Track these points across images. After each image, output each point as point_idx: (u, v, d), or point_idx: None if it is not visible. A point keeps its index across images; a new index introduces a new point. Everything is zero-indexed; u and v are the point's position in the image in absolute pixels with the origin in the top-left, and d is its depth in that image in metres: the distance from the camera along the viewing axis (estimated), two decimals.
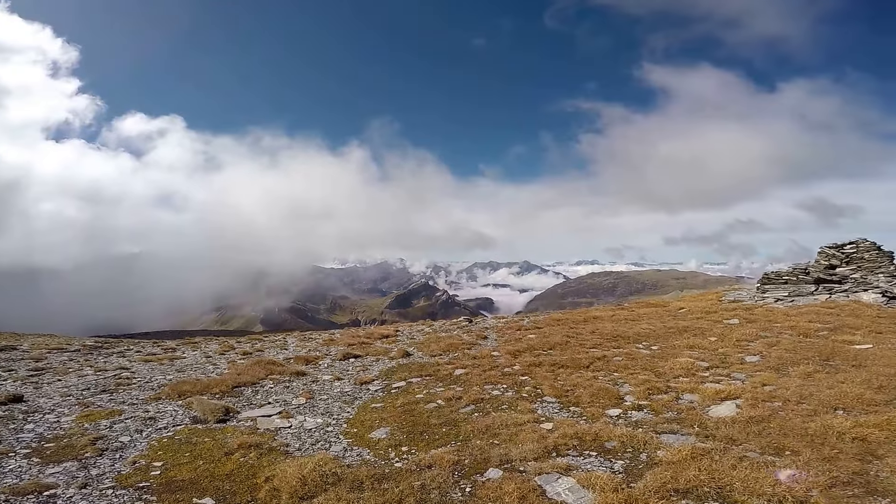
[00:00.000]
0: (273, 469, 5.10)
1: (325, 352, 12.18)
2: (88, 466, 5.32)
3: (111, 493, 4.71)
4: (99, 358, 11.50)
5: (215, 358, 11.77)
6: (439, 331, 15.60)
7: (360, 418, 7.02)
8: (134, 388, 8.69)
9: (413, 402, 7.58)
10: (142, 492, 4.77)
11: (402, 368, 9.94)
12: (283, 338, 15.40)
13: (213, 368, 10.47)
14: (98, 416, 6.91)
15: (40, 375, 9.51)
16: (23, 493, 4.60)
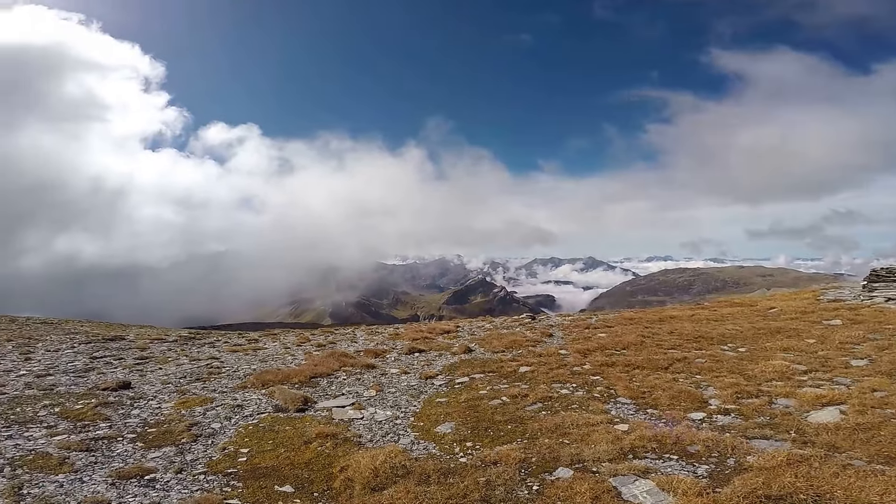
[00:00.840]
0: (347, 459, 5.40)
1: (391, 346, 12.67)
2: (184, 452, 5.89)
3: (203, 479, 5.19)
4: (192, 348, 12.68)
5: (293, 349, 12.61)
6: (500, 327, 15.71)
7: (426, 412, 7.25)
8: (223, 376, 9.52)
9: (477, 398, 7.73)
10: (230, 478, 5.22)
11: (464, 364, 10.16)
12: (352, 331, 16.16)
13: (291, 359, 11.25)
14: (193, 403, 7.65)
15: (144, 364, 10.65)
16: (127, 476, 5.16)
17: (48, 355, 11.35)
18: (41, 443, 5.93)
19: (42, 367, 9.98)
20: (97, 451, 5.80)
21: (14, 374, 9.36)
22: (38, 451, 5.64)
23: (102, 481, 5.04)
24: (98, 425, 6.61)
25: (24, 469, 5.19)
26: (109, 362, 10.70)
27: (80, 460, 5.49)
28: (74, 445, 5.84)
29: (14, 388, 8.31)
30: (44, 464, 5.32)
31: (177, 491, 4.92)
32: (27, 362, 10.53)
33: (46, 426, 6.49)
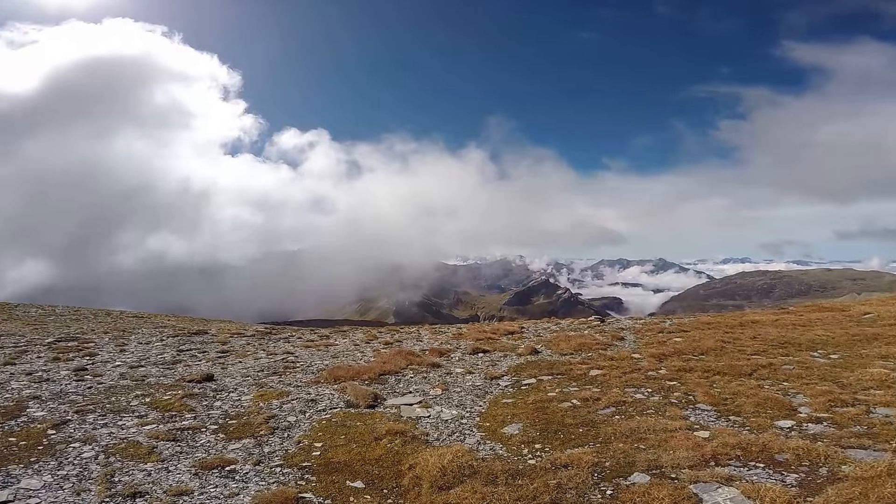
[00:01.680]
0: (415, 457, 5.38)
1: (455, 345, 12.62)
2: (262, 444, 6.07)
3: (279, 471, 5.32)
4: (269, 343, 13.29)
5: (362, 346, 12.89)
6: (567, 329, 15.22)
7: (492, 412, 7.13)
8: (298, 371, 9.85)
9: (545, 399, 7.51)
10: (304, 471, 5.32)
11: (530, 365, 9.91)
12: (416, 330, 16.31)
13: (360, 356, 11.48)
14: (270, 397, 7.93)
15: (225, 357, 11.26)
16: (209, 467, 5.37)
17: (140, 347, 12.33)
18: (132, 432, 6.35)
19: (135, 359, 10.84)
20: (182, 441, 6.11)
21: (111, 364, 10.23)
22: (130, 440, 6.03)
23: (186, 471, 5.28)
24: (184, 416, 7.00)
25: (117, 457, 5.55)
26: (194, 355, 11.42)
27: (166, 450, 5.80)
28: (162, 435, 6.20)
29: (110, 378, 9.06)
30: (134, 452, 5.67)
31: (255, 483, 5.07)
32: (122, 354, 11.49)
33: (138, 416, 6.95)
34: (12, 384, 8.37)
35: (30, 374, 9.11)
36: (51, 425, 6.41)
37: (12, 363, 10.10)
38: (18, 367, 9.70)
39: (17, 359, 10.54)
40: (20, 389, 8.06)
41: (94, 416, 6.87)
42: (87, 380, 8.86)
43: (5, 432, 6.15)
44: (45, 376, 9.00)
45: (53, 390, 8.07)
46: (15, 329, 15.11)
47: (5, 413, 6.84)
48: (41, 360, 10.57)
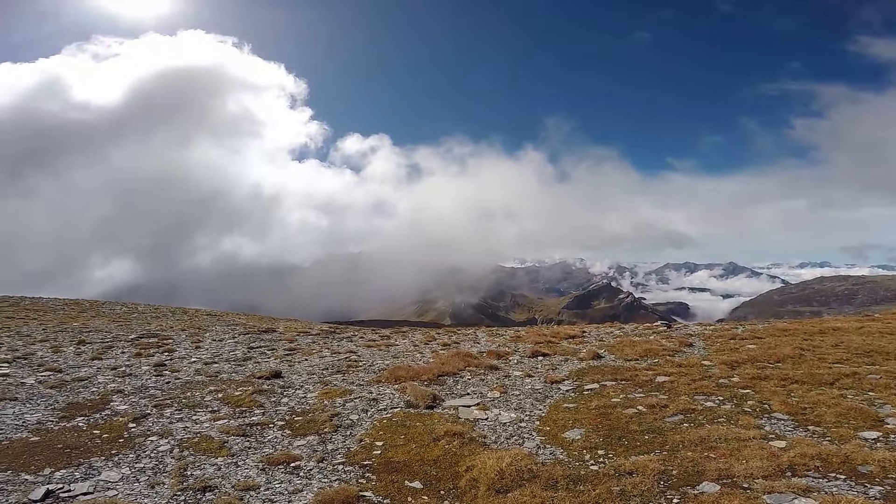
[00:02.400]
0: (473, 459, 5.33)
1: (513, 348, 12.41)
2: (326, 441, 6.22)
3: (341, 469, 5.43)
4: (333, 342, 13.69)
5: (421, 347, 12.99)
6: (632, 334, 14.57)
7: (553, 417, 6.96)
8: (360, 370, 10.05)
9: (609, 405, 7.22)
10: (365, 470, 5.40)
11: (593, 370, 9.56)
12: (473, 332, 16.22)
13: (420, 357, 11.56)
14: (334, 395, 8.13)
15: (292, 355, 11.68)
16: (275, 462, 5.55)
17: (214, 344, 13.06)
18: (206, 426, 6.69)
19: (209, 355, 11.48)
20: (251, 436, 6.37)
21: (187, 360, 10.89)
22: (203, 435, 6.35)
23: (254, 466, 5.48)
24: (253, 412, 7.30)
25: (190, 451, 5.85)
26: (264, 352, 11.94)
27: (236, 445, 6.06)
28: (233, 430, 6.49)
29: (186, 373, 9.64)
30: (206, 446, 5.96)
31: (318, 480, 5.18)
32: (197, 350, 12.21)
33: (211, 411, 7.33)
34: (99, 378, 9.10)
35: (114, 369, 9.87)
36: (131, 419, 6.88)
37: (99, 358, 11.01)
38: (105, 363, 10.55)
39: (103, 354, 11.47)
40: (105, 383, 8.75)
41: (171, 410, 7.31)
42: (165, 375, 9.48)
43: (90, 425, 6.67)
44: (128, 371, 9.72)
45: (135, 385, 8.69)
46: (102, 326, 16.50)
47: (91, 406, 7.42)
48: (125, 355, 11.44)
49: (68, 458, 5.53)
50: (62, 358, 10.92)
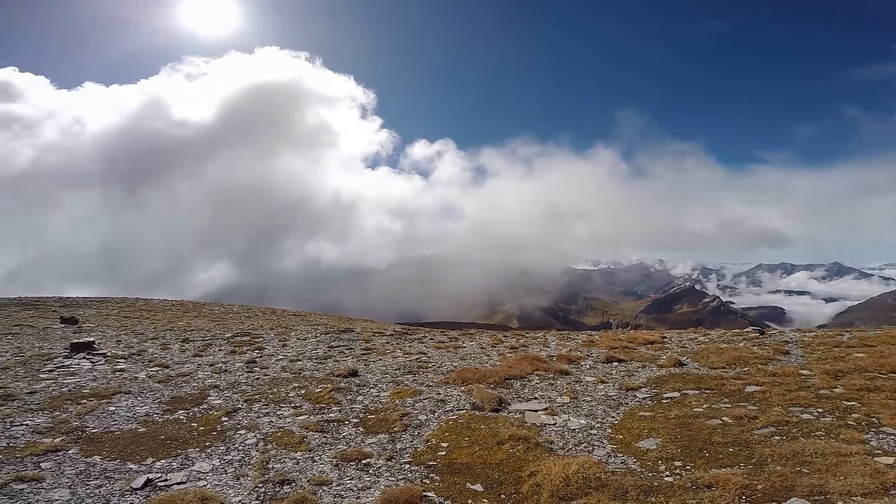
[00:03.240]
0: (538, 465, 5.26)
1: (585, 353, 12.06)
2: (395, 440, 6.41)
3: (407, 468, 5.57)
4: (405, 342, 14.07)
5: (488, 349, 13.01)
6: (718, 340, 13.61)
7: (626, 425, 6.69)
8: (430, 371, 10.25)
9: (690, 415, 6.82)
10: (430, 470, 5.50)
11: (673, 378, 9.05)
12: (543, 335, 15.95)
13: (487, 359, 11.58)
14: (405, 395, 8.36)
15: (368, 355, 12.13)
16: (347, 459, 5.81)
17: (298, 343, 13.89)
18: (288, 421, 7.14)
19: (294, 353, 12.23)
20: (328, 432, 6.72)
21: (274, 358, 11.67)
22: (285, 429, 6.79)
23: (329, 461, 5.78)
24: (331, 408, 7.69)
25: (273, 445, 6.28)
26: (342, 351, 12.53)
27: (314, 440, 6.43)
28: (312, 426, 6.88)
29: (274, 370, 10.33)
30: (288, 441, 6.37)
31: (385, 477, 5.37)
32: (284, 348, 13.05)
33: (293, 406, 7.81)
34: (199, 374, 9.98)
35: (212, 365, 10.78)
36: (224, 413, 7.49)
37: (200, 355, 12.08)
38: (204, 359, 11.55)
39: (203, 351, 12.58)
40: (204, 379, 9.58)
41: (259, 405, 7.87)
42: (255, 371, 10.22)
43: (189, 418, 7.33)
44: (224, 367, 10.58)
45: (229, 380, 9.44)
46: (202, 325, 18.12)
47: (191, 400, 8.16)
48: (222, 352, 12.46)
49: (168, 449, 6.11)
50: (169, 354, 12.10)
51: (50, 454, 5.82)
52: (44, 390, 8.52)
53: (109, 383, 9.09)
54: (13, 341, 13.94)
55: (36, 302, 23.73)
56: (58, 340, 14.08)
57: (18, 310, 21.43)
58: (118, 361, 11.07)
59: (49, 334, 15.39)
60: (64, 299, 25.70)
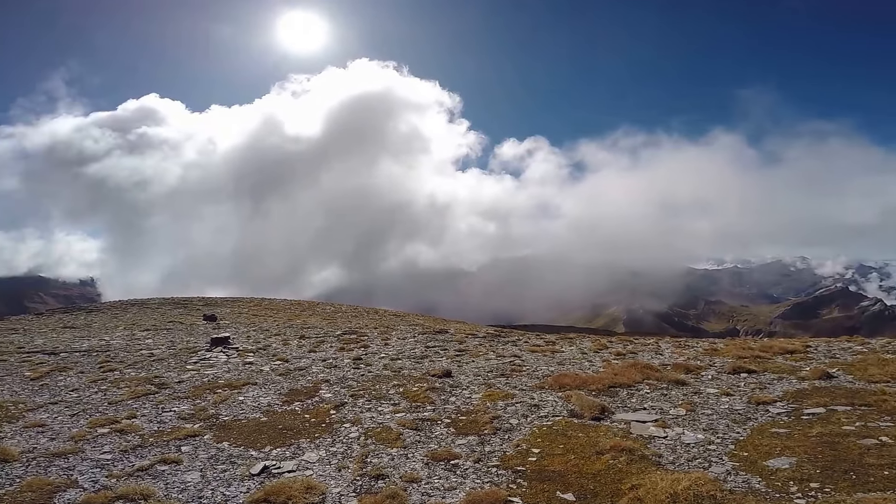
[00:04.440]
0: (641, 478, 4.85)
1: (707, 362, 10.90)
2: (484, 443, 6.32)
3: (494, 472, 5.45)
4: (498, 345, 13.91)
5: (590, 355, 12.34)
6: (881, 350, 11.52)
7: (754, 442, 5.90)
8: (524, 375, 9.98)
9: (838, 433, 5.84)
10: (517, 475, 5.32)
11: (818, 392, 7.80)
12: (655, 342, 14.75)
13: (588, 365, 10.98)
14: (496, 397, 8.22)
15: (461, 356, 12.18)
16: (437, 458, 5.83)
17: (398, 342, 14.41)
18: (387, 417, 7.39)
19: (394, 352, 12.70)
20: (422, 430, 6.83)
21: (377, 356, 12.21)
22: (384, 425, 7.03)
23: (420, 460, 5.86)
24: (426, 407, 7.82)
25: (372, 440, 6.53)
26: (437, 352, 12.73)
27: (409, 437, 6.57)
28: (408, 423, 7.05)
29: (377, 368, 10.80)
30: (386, 437, 6.58)
31: (471, 479, 5.31)
32: (386, 347, 13.62)
33: (392, 403, 8.07)
34: (313, 368, 10.77)
35: (324, 361, 11.58)
36: (333, 406, 7.96)
37: (314, 351, 13.06)
38: (318, 355, 12.45)
39: (317, 347, 13.58)
40: (317, 373, 10.30)
41: (363, 400, 8.26)
42: (361, 368, 10.78)
43: (303, 409, 7.90)
44: (334, 363, 11.30)
45: (338, 375, 10.05)
46: (316, 323, 19.64)
47: (306, 393, 8.80)
48: (332, 349, 13.35)
49: (284, 439, 6.62)
50: (289, 350, 13.26)
51: (189, 439, 6.61)
52: (189, 380, 9.80)
53: (240, 375, 10.18)
54: (167, 336, 16.30)
55: (184, 301, 27.55)
56: (201, 335, 16.18)
57: (171, 308, 25.07)
58: (247, 355, 12.38)
59: (194, 330, 17.75)
60: (205, 299, 29.54)
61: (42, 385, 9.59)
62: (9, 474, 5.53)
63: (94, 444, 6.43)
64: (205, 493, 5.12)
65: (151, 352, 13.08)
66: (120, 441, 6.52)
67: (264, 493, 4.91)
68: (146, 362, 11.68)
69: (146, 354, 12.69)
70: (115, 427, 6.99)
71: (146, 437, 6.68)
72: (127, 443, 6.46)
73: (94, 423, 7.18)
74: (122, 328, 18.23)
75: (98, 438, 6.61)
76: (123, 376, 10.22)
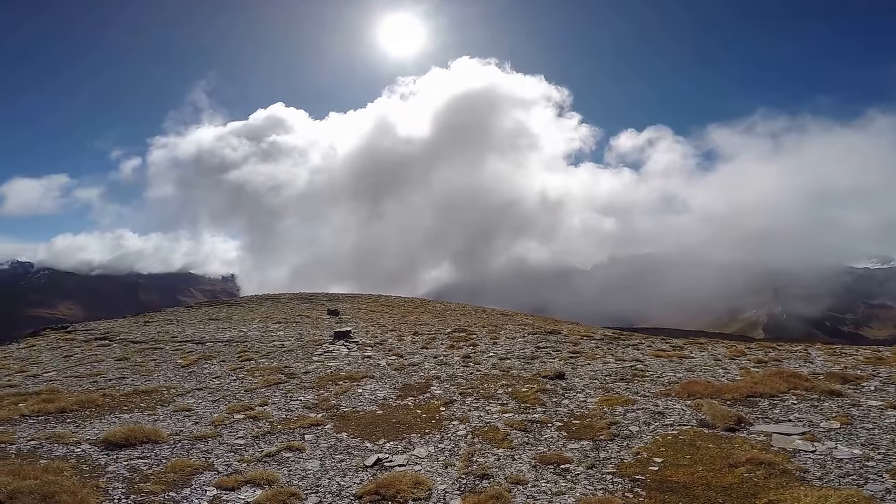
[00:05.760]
0: (780, 493, 4.37)
1: (869, 372, 9.28)
2: (599, 448, 5.98)
3: (609, 479, 5.13)
4: (617, 348, 13.10)
5: (724, 362, 11.11)
6: None
7: None
8: (646, 381, 9.29)
9: None
10: (635, 484, 4.95)
11: None
12: (803, 348, 12.85)
13: (723, 373, 9.91)
14: (614, 402, 7.74)
15: (575, 358, 11.68)
16: (547, 461, 5.61)
17: (507, 342, 14.26)
18: (494, 417, 7.32)
19: (503, 351, 12.59)
20: (530, 432, 6.65)
21: (486, 355, 12.20)
22: (491, 425, 6.96)
23: (527, 462, 5.70)
24: (535, 409, 7.61)
25: (479, 438, 6.49)
26: (549, 353, 12.35)
27: (517, 439, 6.42)
28: (516, 424, 6.92)
29: (485, 366, 10.79)
30: (492, 437, 6.51)
31: (583, 485, 5.05)
32: (494, 346, 13.56)
33: (500, 403, 7.98)
34: (425, 365, 11.07)
35: (435, 358, 11.86)
36: (443, 403, 8.09)
37: (426, 348, 13.44)
38: (429, 352, 12.80)
39: (429, 344, 13.97)
40: (429, 370, 10.56)
41: (471, 399, 8.29)
42: (470, 366, 10.85)
43: (415, 405, 8.12)
44: (444, 360, 11.52)
45: (448, 373, 10.21)
46: (427, 320, 20.24)
47: (418, 388, 9.06)
48: (443, 346, 13.64)
49: (397, 432, 6.85)
50: (403, 345, 13.82)
51: (312, 428, 7.08)
52: (314, 371, 10.64)
53: (359, 368, 10.81)
54: (296, 328, 17.94)
55: (310, 297, 30.15)
56: (325, 329, 17.56)
57: (299, 302, 27.56)
58: (366, 349, 13.15)
59: (319, 323, 19.33)
60: (328, 295, 32.06)
61: (190, 372, 11.03)
62: (157, 455, 6.07)
63: (231, 429, 7.05)
64: (322, 481, 5.35)
65: (282, 343, 14.47)
66: (252, 427, 7.11)
67: (375, 486, 5.05)
68: (278, 353, 12.93)
69: (278, 345, 14.06)
70: (249, 413, 7.72)
71: (275, 424, 7.26)
72: (258, 429, 7.02)
73: (231, 409, 7.98)
74: (257, 321, 20.40)
75: (234, 424, 7.25)
76: (258, 365, 11.40)
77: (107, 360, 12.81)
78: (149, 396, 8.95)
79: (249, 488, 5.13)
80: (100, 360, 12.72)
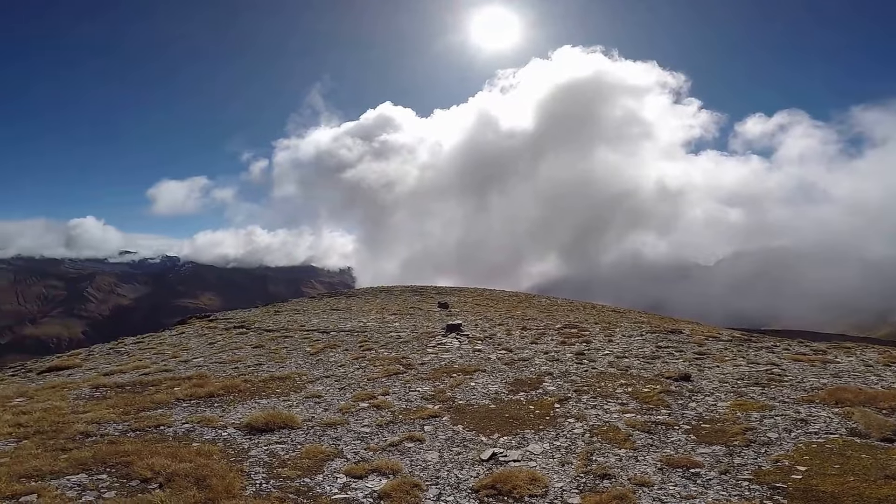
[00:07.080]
0: None
1: None
2: (733, 454, 5.66)
3: (745, 486, 4.87)
4: (749, 351, 12.02)
5: (877, 368, 9.72)
6: None
7: None
8: (785, 385, 8.52)
9: None
10: (776, 492, 4.68)
11: None
12: None
13: (875, 379, 8.74)
14: (749, 407, 7.23)
15: (702, 360, 10.95)
16: (674, 465, 5.41)
17: (623, 340, 13.71)
18: (614, 417, 7.19)
19: (620, 350, 12.16)
20: (655, 434, 6.45)
21: (601, 352, 11.89)
22: (611, 424, 6.86)
23: (652, 464, 5.56)
24: (659, 410, 7.35)
25: (598, 438, 6.43)
26: (671, 353, 11.69)
27: (640, 440, 6.27)
28: (638, 425, 6.75)
29: (601, 364, 10.56)
30: (612, 436, 6.41)
31: (715, 491, 4.85)
32: (609, 344, 13.12)
33: (620, 403, 7.81)
34: (535, 360, 11.10)
35: (546, 353, 11.82)
36: (556, 400, 8.09)
37: (535, 343, 13.41)
38: (539, 347, 12.78)
39: (538, 339, 13.94)
40: (540, 365, 10.58)
41: (587, 396, 8.20)
42: (584, 363, 10.67)
43: (528, 400, 8.20)
44: (556, 356, 11.45)
45: (560, 369, 10.15)
46: (534, 314, 20.10)
47: (529, 384, 9.14)
48: (553, 342, 13.50)
49: (510, 427, 6.97)
50: (511, 340, 13.91)
51: (430, 419, 7.35)
52: (429, 363, 11.14)
53: (471, 361, 11.13)
54: (410, 320, 18.89)
55: (420, 289, 31.39)
56: (437, 321, 18.26)
57: (410, 295, 28.86)
58: (476, 342, 13.48)
59: (431, 316, 20.13)
60: (437, 288, 33.11)
61: (318, 360, 12.03)
62: (293, 440, 6.39)
63: (357, 416, 7.41)
64: (441, 473, 5.47)
65: (399, 334, 15.29)
66: (376, 416, 7.43)
67: (492, 480, 5.12)
68: (395, 343, 13.71)
69: (394, 336, 14.88)
70: (372, 402, 8.18)
71: (396, 413, 7.54)
72: (381, 418, 7.32)
73: (356, 398, 8.36)
74: (374, 312, 21.66)
75: (359, 412, 7.62)
76: (378, 355, 12.17)
77: (245, 347, 14.29)
78: (283, 383, 9.78)
79: (376, 477, 5.33)
80: (239, 347, 14.25)
